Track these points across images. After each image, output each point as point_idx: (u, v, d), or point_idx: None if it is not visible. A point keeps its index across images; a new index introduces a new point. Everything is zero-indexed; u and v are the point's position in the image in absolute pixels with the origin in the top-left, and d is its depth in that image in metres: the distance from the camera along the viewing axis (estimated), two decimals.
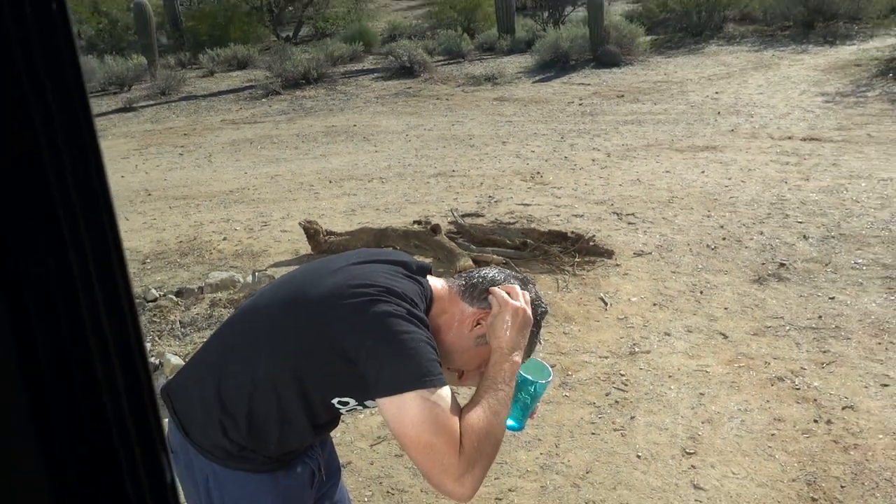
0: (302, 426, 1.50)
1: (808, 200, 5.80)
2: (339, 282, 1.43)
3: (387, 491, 2.91)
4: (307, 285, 1.49)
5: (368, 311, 1.36)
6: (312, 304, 1.43)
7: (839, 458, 2.92)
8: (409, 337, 1.33)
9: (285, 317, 1.47)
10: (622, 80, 11.57)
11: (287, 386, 1.44)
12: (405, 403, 1.28)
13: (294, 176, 7.60)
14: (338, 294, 1.40)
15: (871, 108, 8.84)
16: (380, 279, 1.43)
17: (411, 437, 1.28)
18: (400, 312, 1.36)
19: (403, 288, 1.43)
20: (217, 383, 1.48)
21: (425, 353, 1.33)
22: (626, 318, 4.16)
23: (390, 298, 1.38)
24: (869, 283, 4.40)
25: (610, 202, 6.05)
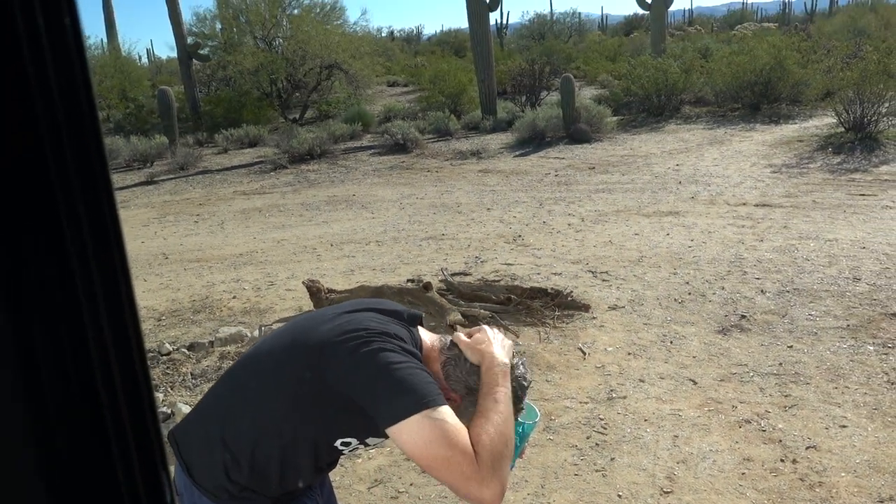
0: (304, 468, 1.44)
1: (763, 259, 5.81)
2: (334, 327, 1.39)
3: None
4: (305, 332, 1.44)
5: (363, 350, 1.31)
6: (310, 348, 1.38)
7: (805, 495, 2.83)
8: (403, 366, 1.29)
9: (284, 362, 1.41)
10: (593, 155, 11.72)
11: (289, 429, 1.38)
12: (413, 427, 1.22)
13: (298, 240, 7.57)
14: (334, 339, 1.36)
15: (813, 177, 8.97)
16: (372, 324, 1.39)
17: (428, 456, 1.22)
18: (393, 348, 1.32)
19: (395, 331, 1.39)
20: (222, 428, 1.42)
21: (421, 377, 1.28)
22: (604, 367, 4.08)
23: (383, 338, 1.34)
24: (823, 332, 4.36)
25: (585, 261, 6.03)
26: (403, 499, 2.97)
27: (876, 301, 4.77)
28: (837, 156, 9.93)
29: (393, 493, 3.00)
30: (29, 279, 0.38)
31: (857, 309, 4.66)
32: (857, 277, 5.23)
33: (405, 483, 3.07)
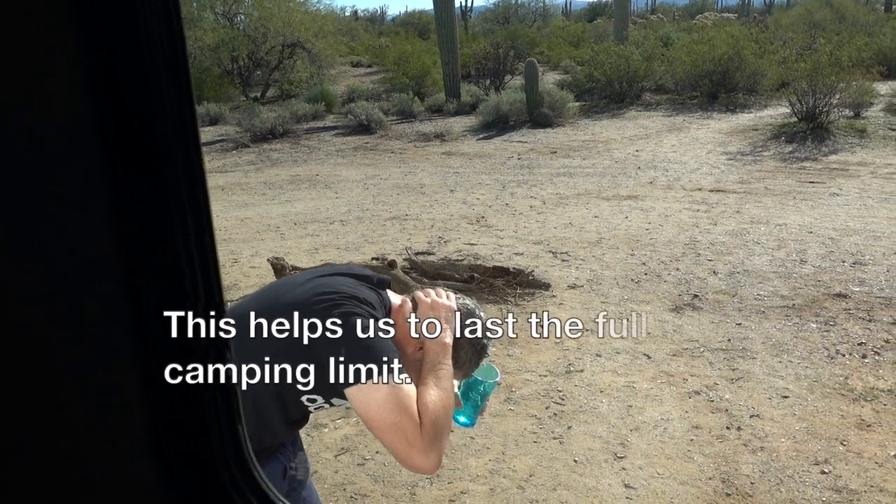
0: (275, 423, 1.50)
1: (716, 242, 6.04)
2: (306, 290, 1.46)
3: (350, 496, 2.88)
4: (279, 295, 1.51)
5: (332, 312, 1.38)
6: (283, 309, 1.45)
7: (749, 458, 3.02)
8: (367, 330, 1.36)
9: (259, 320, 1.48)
10: (555, 139, 11.90)
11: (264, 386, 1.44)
12: (370, 391, 1.30)
13: (262, 219, 7.56)
14: (305, 301, 1.42)
15: (766, 165, 9.28)
16: (343, 288, 1.46)
17: (378, 419, 1.30)
18: (361, 312, 1.39)
19: (365, 296, 1.46)
20: None
21: (384, 344, 1.36)
22: (563, 342, 4.24)
23: (353, 302, 1.41)
24: (769, 311, 4.59)
25: (546, 242, 6.19)
26: (369, 465, 3.07)
27: (820, 282, 5.02)
28: (790, 144, 10.28)
29: (359, 461, 3.10)
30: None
31: (802, 289, 4.91)
32: (804, 260, 5.49)
33: (371, 451, 3.17)
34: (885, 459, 2.97)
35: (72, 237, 0.48)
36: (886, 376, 3.69)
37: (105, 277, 0.49)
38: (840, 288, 4.88)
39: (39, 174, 0.47)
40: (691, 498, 2.78)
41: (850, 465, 2.94)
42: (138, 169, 0.49)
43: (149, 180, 0.50)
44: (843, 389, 3.57)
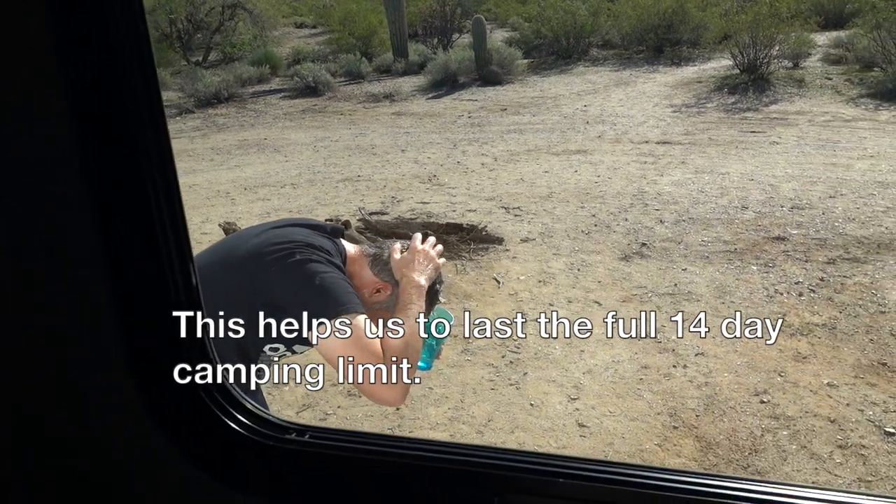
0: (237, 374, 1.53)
1: (663, 192, 6.20)
2: (262, 241, 1.47)
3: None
4: (235, 247, 1.52)
5: (289, 260, 1.41)
6: (240, 261, 1.47)
7: (694, 393, 3.18)
8: (327, 276, 1.39)
9: (217, 274, 1.49)
10: (504, 96, 11.91)
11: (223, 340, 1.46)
12: (330, 330, 1.33)
13: (211, 185, 7.43)
14: (261, 251, 1.44)
15: (710, 116, 9.49)
16: (297, 237, 1.48)
17: (342, 360, 1.34)
18: (317, 259, 1.42)
19: (320, 243, 1.48)
20: None
21: (343, 286, 1.39)
22: (517, 294, 4.33)
23: (309, 249, 1.43)
24: (713, 256, 4.77)
25: (498, 198, 6.26)
26: (332, 420, 3.13)
27: (761, 226, 5.22)
28: (732, 96, 10.52)
29: (321, 416, 3.15)
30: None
31: (743, 234, 5.10)
32: (745, 206, 5.69)
33: (333, 406, 3.23)
34: (819, 387, 3.16)
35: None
36: (821, 312, 3.90)
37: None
38: (779, 231, 5.09)
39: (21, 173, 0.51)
40: (641, 433, 2.92)
41: (787, 395, 3.12)
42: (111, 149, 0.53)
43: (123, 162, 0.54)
44: (781, 326, 3.76)
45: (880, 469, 2.63)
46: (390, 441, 0.67)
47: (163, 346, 0.60)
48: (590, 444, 2.86)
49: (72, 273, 0.55)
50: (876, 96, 9.81)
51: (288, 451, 0.66)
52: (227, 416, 0.66)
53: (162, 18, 16.89)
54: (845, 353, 3.45)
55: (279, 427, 0.68)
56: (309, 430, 0.68)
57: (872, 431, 2.85)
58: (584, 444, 2.87)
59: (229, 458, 0.66)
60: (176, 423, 0.63)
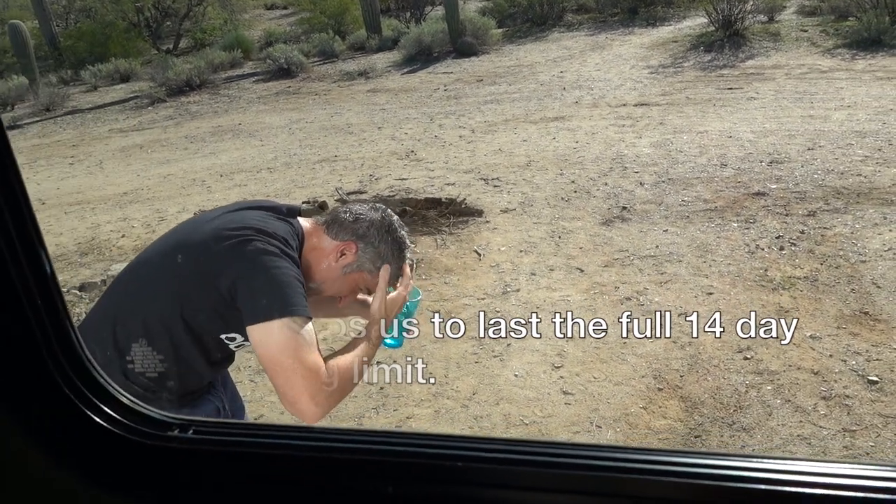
0: (197, 363, 1.48)
1: (642, 154, 6.15)
2: (215, 227, 1.42)
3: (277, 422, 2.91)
4: (187, 234, 1.47)
5: (243, 249, 1.36)
6: (192, 248, 1.42)
7: (677, 354, 3.16)
8: (278, 272, 1.34)
9: (169, 262, 1.44)
10: (480, 67, 11.77)
11: (177, 327, 1.41)
12: (272, 330, 1.29)
13: (186, 174, 7.31)
14: (215, 237, 1.39)
15: (687, 75, 9.42)
16: (252, 222, 1.42)
17: (274, 360, 1.29)
18: (272, 250, 1.37)
19: (275, 228, 1.43)
20: (113, 333, 1.43)
21: (293, 287, 1.34)
22: (498, 265, 4.30)
23: (262, 238, 1.38)
24: (694, 215, 4.74)
25: (477, 170, 6.19)
26: None
27: (740, 183, 5.20)
28: (708, 54, 10.44)
29: None
30: None
31: (723, 192, 5.07)
32: (724, 164, 5.66)
33: None
34: (802, 340, 3.16)
35: None
36: (802, 265, 3.88)
37: None
38: (758, 187, 5.07)
39: None
40: (626, 396, 2.91)
41: (770, 349, 3.11)
42: None
43: None
44: (763, 281, 3.75)
45: (864, 418, 2.63)
46: (281, 432, 0.62)
47: (16, 333, 0.54)
48: (575, 411, 2.85)
49: None
50: (851, 46, 9.76)
51: (169, 450, 0.61)
52: (95, 412, 0.60)
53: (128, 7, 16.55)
54: (827, 305, 3.44)
55: (159, 423, 0.63)
56: (193, 424, 0.63)
57: (856, 381, 2.84)
58: (570, 412, 2.85)
59: (103, 459, 0.61)
60: (40, 422, 0.57)
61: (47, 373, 0.55)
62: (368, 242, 1.51)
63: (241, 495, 0.60)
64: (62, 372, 0.56)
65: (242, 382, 3.22)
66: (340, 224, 1.52)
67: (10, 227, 0.50)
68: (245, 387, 3.19)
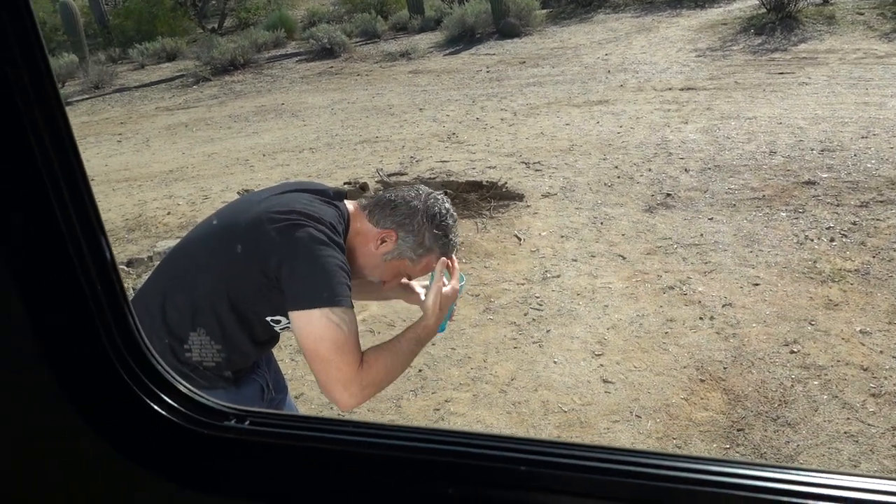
0: (243, 343, 1.49)
1: (687, 140, 6.02)
2: (264, 209, 1.43)
3: (337, 415, 2.94)
4: (236, 215, 1.48)
5: (291, 234, 1.37)
6: (241, 230, 1.43)
7: (721, 345, 3.11)
8: (325, 260, 1.35)
9: (218, 243, 1.46)
10: (523, 49, 11.63)
11: (224, 306, 1.43)
12: (312, 318, 1.31)
13: (229, 153, 7.41)
14: (263, 220, 1.40)
15: (736, 59, 9.17)
16: (300, 206, 1.43)
17: (313, 349, 1.32)
18: (320, 237, 1.37)
19: (322, 213, 1.43)
20: (162, 311, 1.45)
21: (337, 276, 1.34)
22: (538, 250, 4.27)
23: (310, 223, 1.39)
24: (740, 204, 4.63)
25: (518, 154, 6.14)
26: None
27: (789, 171, 5.05)
28: (759, 37, 10.13)
29: None
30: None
31: (772, 180, 4.94)
32: (773, 151, 5.50)
33: None
34: (851, 335, 3.07)
35: None
36: (853, 257, 3.77)
37: None
38: (809, 176, 4.92)
39: None
40: (667, 386, 2.87)
41: (818, 343, 3.03)
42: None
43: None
44: (811, 273, 3.65)
45: None
46: (338, 426, 0.62)
47: (76, 322, 0.55)
48: (615, 400, 2.82)
49: None
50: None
51: (226, 440, 0.62)
52: (154, 401, 0.61)
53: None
54: (878, 299, 3.34)
55: (217, 413, 0.64)
56: (250, 415, 0.63)
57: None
58: (609, 400, 2.83)
59: (161, 448, 0.62)
60: (100, 411, 0.58)
61: (108, 361, 0.56)
62: (409, 231, 1.50)
63: (296, 488, 0.61)
64: (122, 360, 0.57)
65: (283, 361, 3.27)
66: (381, 211, 1.51)
67: (73, 218, 0.51)
68: (286, 365, 3.24)
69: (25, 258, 0.52)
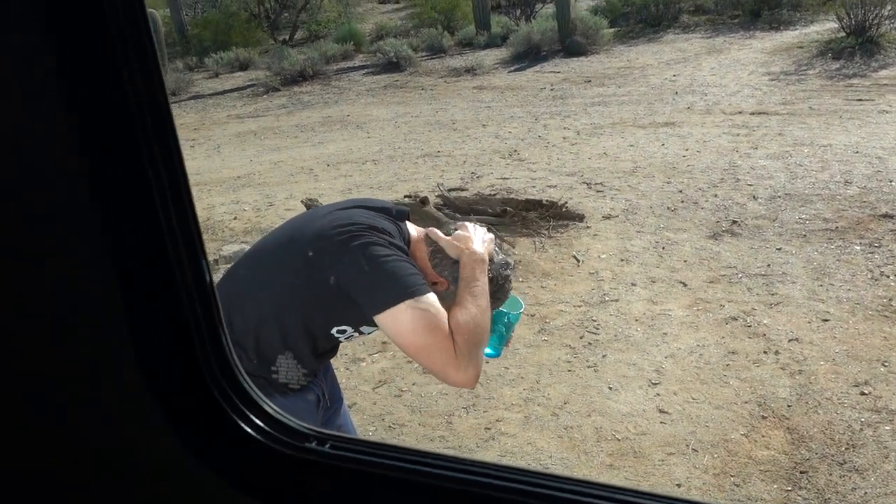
0: (304, 354, 1.53)
1: (757, 166, 5.86)
2: (327, 223, 1.46)
3: (388, 426, 2.96)
4: (301, 227, 1.52)
5: (353, 243, 1.39)
6: (305, 241, 1.46)
7: (786, 382, 2.99)
8: (390, 259, 1.37)
9: (283, 254, 1.49)
10: (589, 68, 11.55)
11: (288, 316, 1.46)
12: (399, 315, 1.32)
13: (295, 162, 7.58)
14: (327, 233, 1.43)
15: (811, 84, 8.88)
16: (361, 219, 1.45)
17: (411, 342, 1.33)
18: (380, 241, 1.40)
19: (383, 226, 1.46)
20: (228, 319, 1.50)
21: (406, 269, 1.36)
22: (597, 273, 4.21)
23: (371, 232, 1.41)
24: (811, 234, 4.47)
25: (580, 174, 6.08)
26: (406, 397, 3.14)
27: (865, 203, 4.85)
28: (837, 61, 9.79)
29: (396, 392, 3.17)
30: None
31: (846, 211, 4.75)
32: (849, 181, 5.30)
33: (408, 383, 3.24)
34: None
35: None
36: None
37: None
38: (887, 209, 4.71)
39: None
40: (726, 421, 2.78)
41: (892, 386, 2.89)
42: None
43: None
44: (886, 311, 3.49)
45: None
46: (419, 457, 0.62)
47: (173, 342, 0.58)
48: (670, 431, 2.75)
49: (79, 271, 0.53)
50: None
51: (305, 461, 0.63)
52: (241, 419, 0.63)
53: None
54: None
55: (298, 434, 0.65)
56: (330, 439, 0.65)
57: None
58: (665, 431, 2.75)
59: (243, 464, 0.64)
60: (189, 425, 0.61)
61: (202, 379, 0.59)
62: None
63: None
64: (217, 383, 0.59)
65: (339, 370, 3.31)
66: (443, 260, 1.51)
67: (178, 239, 0.53)
68: (340, 374, 3.27)
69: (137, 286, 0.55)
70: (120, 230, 0.53)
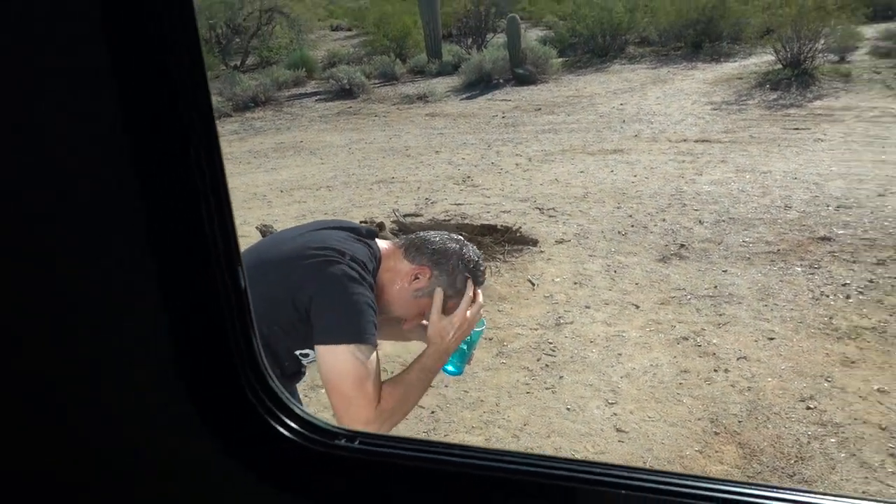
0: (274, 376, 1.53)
1: (702, 192, 6.07)
2: (298, 245, 1.47)
3: None
4: (271, 249, 1.53)
5: (325, 270, 1.40)
6: (275, 264, 1.47)
7: (736, 398, 3.10)
8: (354, 297, 1.38)
9: (253, 277, 1.50)
10: (539, 96, 11.82)
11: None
12: (337, 354, 1.34)
13: (248, 188, 7.52)
14: (297, 255, 1.44)
15: (751, 113, 9.28)
16: (334, 243, 1.47)
17: (335, 386, 1.34)
18: (352, 274, 1.40)
19: (354, 251, 1.47)
20: None
21: (366, 314, 1.38)
22: (552, 296, 4.29)
23: (343, 259, 1.42)
24: (755, 257, 4.65)
25: (533, 199, 6.20)
26: None
27: (805, 226, 5.08)
28: (774, 92, 10.27)
29: None
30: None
31: (787, 234, 4.97)
32: (789, 206, 5.54)
33: None
34: (869, 393, 3.05)
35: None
36: (870, 314, 3.76)
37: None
38: (824, 231, 4.94)
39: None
40: (681, 438, 2.86)
41: (835, 401, 3.02)
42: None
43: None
44: (827, 329, 3.65)
45: None
46: (446, 449, 0.66)
47: (212, 349, 0.61)
48: (628, 450, 2.81)
49: (121, 279, 0.56)
50: None
51: (337, 458, 0.66)
52: (276, 421, 0.67)
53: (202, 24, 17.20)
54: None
55: (328, 433, 0.68)
56: (359, 435, 0.68)
57: None
58: (623, 450, 2.81)
59: (279, 463, 0.67)
60: (227, 428, 0.64)
61: (238, 383, 0.61)
62: (443, 270, 1.54)
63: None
64: (250, 385, 0.62)
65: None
66: (418, 248, 1.55)
67: (219, 245, 0.55)
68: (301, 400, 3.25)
69: (180, 293, 0.57)
70: (165, 236, 0.55)
